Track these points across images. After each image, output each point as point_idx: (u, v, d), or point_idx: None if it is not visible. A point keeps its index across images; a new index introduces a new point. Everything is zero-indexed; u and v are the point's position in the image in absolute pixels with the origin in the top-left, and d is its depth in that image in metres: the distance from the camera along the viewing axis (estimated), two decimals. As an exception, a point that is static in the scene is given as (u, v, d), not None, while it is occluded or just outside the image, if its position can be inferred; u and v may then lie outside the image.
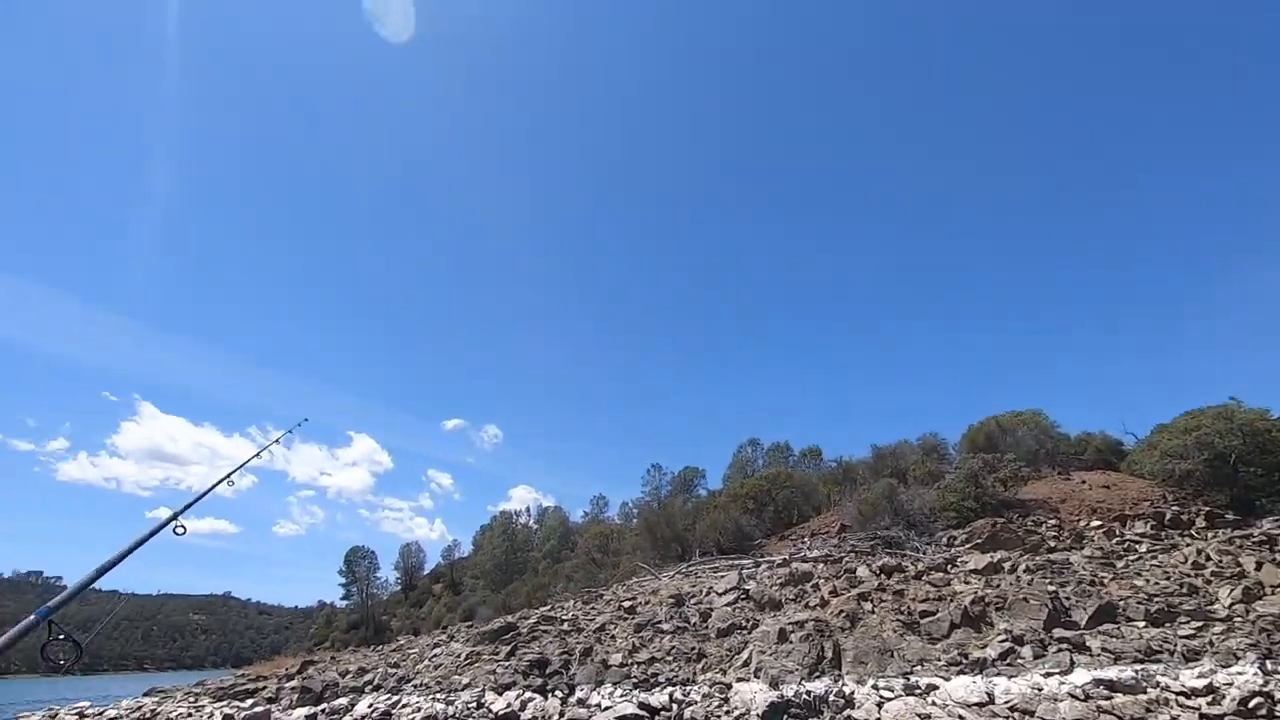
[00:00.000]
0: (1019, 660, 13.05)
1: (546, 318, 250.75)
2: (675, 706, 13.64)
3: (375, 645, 31.46)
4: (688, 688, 14.52)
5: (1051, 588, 15.24)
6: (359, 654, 24.26)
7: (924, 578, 17.30)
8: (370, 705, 15.25)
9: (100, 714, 17.64)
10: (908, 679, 13.18)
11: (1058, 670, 12.27)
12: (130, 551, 2.44)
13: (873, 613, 16.10)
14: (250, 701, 16.87)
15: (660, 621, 17.74)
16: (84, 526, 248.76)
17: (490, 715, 14.27)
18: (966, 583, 16.77)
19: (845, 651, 14.76)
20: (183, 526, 2.81)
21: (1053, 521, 21.46)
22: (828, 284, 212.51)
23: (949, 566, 18.07)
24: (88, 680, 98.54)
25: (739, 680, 14.59)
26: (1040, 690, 11.64)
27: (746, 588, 18.79)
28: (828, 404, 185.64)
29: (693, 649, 16.34)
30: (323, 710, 15.28)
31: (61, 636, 2.07)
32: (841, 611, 16.14)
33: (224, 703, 17.17)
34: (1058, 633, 13.52)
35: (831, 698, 12.91)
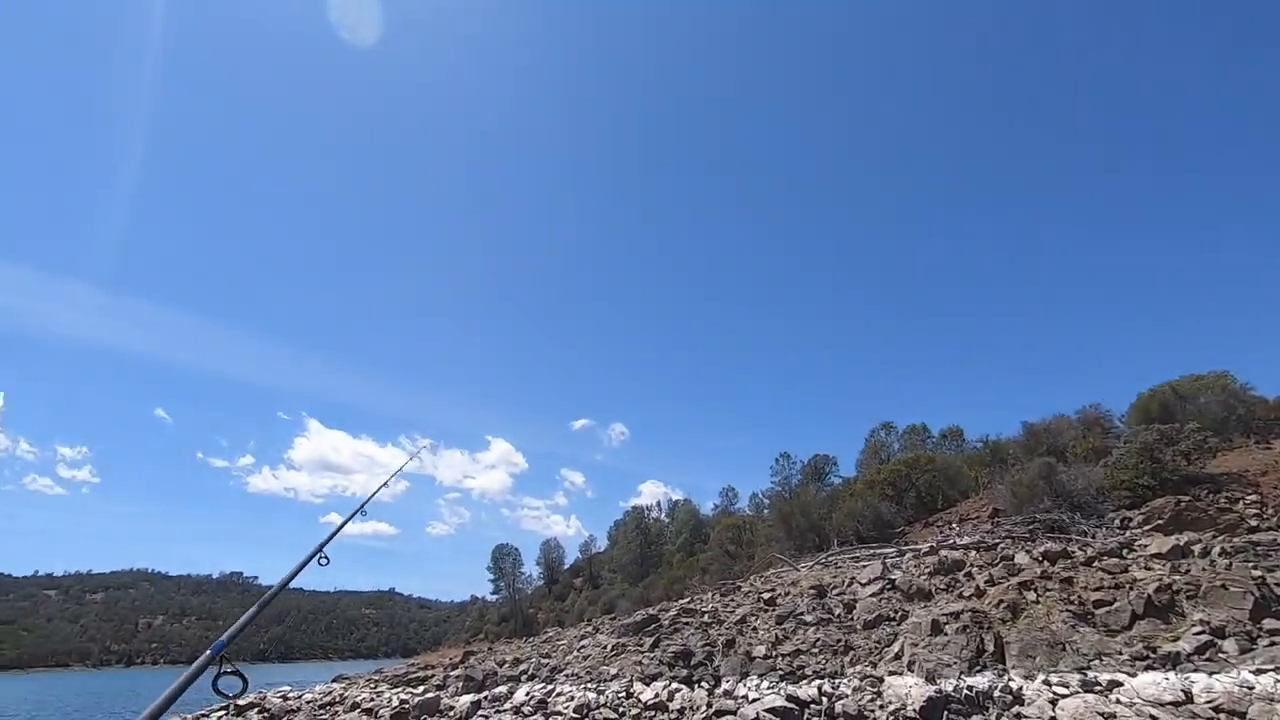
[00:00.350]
0: (1220, 655, 11.57)
1: (662, 316, 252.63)
2: (825, 700, 13.31)
3: (525, 637, 33.18)
4: (836, 680, 14.12)
5: (1257, 573, 13.35)
6: (512, 645, 25.70)
7: (1095, 564, 15.75)
8: (527, 693, 16.10)
9: (299, 697, 19.89)
10: (1084, 674, 12.07)
11: (1272, 666, 10.75)
12: (284, 585, 2.69)
13: (1037, 602, 14.87)
14: (422, 688, 18.35)
15: (802, 613, 17.38)
16: (272, 530, 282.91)
17: (639, 705, 14.62)
18: (1148, 569, 15.08)
19: (1009, 644, 13.75)
20: (326, 558, 3.08)
21: (1252, 497, 18.82)
22: (958, 250, 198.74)
23: (1125, 551, 16.33)
24: (284, 666, 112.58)
25: (891, 674, 14.00)
26: (1252, 689, 10.28)
27: (892, 577, 17.99)
28: (965, 383, 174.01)
29: (838, 641, 15.87)
30: (485, 697, 16.33)
31: (230, 670, 2.26)
32: (1001, 601, 15.05)
33: (399, 689, 18.79)
34: (1268, 624, 11.86)
35: (997, 693, 12.08)
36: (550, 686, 16.41)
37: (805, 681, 14.33)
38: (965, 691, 12.28)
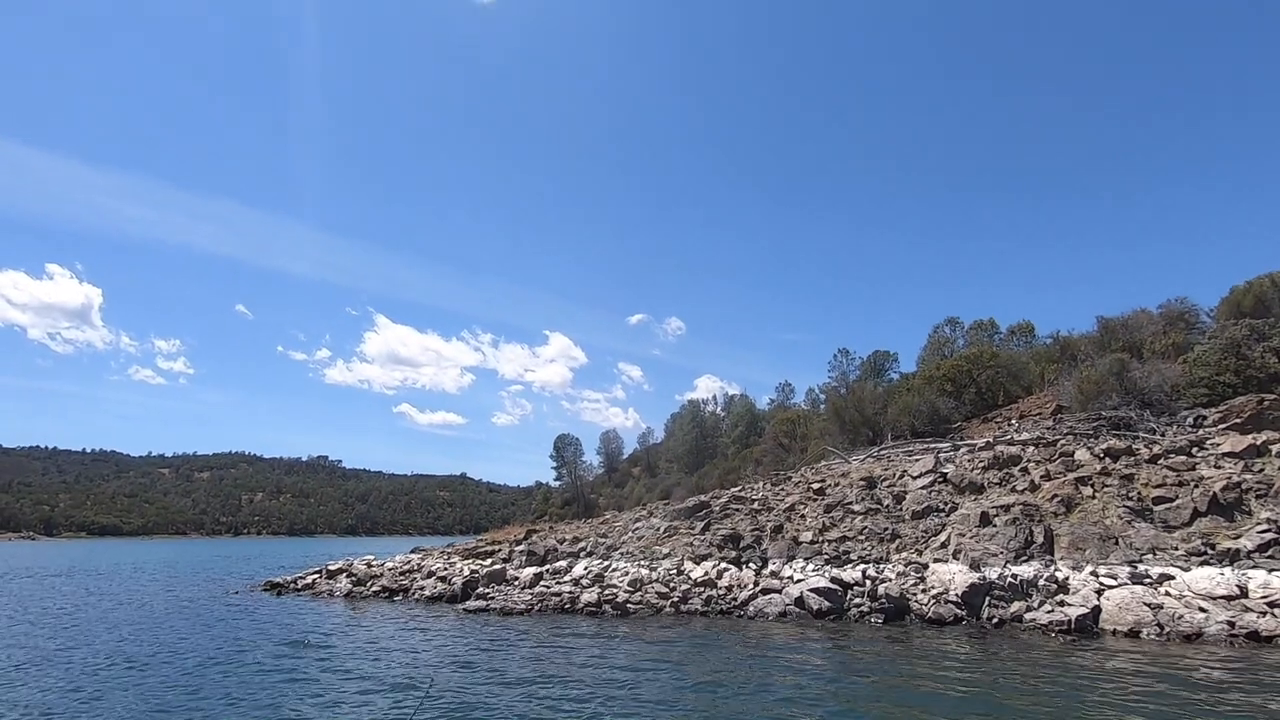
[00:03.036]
0: (1285, 553, 11.34)
1: (718, 210, 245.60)
2: (868, 583, 13.82)
3: (585, 519, 35.23)
4: (881, 566, 14.59)
5: (1338, 473, 12.78)
6: (572, 525, 27.38)
7: (1161, 461, 15.34)
8: (585, 568, 17.30)
9: (383, 565, 21.97)
10: (1135, 567, 12.07)
11: (1339, 565, 10.50)
12: None
13: (1093, 498, 14.72)
14: (489, 560, 19.94)
15: (851, 503, 17.75)
16: (350, 418, 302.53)
17: (689, 581, 15.54)
18: (1218, 467, 14.60)
19: (1059, 537, 13.79)
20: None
21: (1347, 396, 17.66)
22: (1039, 134, 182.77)
23: (1194, 449, 15.80)
24: (370, 540, 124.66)
25: (936, 561, 14.34)
26: (1312, 586, 10.10)
27: (944, 471, 18.03)
28: (1040, 276, 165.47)
29: (885, 529, 16.24)
30: (547, 570, 17.65)
31: None
32: (1055, 496, 14.96)
33: (470, 560, 20.46)
34: (1343, 524, 11.44)
35: (1042, 581, 12.26)
36: (606, 563, 17.56)
37: (850, 566, 14.86)
38: (1009, 579, 12.52)
